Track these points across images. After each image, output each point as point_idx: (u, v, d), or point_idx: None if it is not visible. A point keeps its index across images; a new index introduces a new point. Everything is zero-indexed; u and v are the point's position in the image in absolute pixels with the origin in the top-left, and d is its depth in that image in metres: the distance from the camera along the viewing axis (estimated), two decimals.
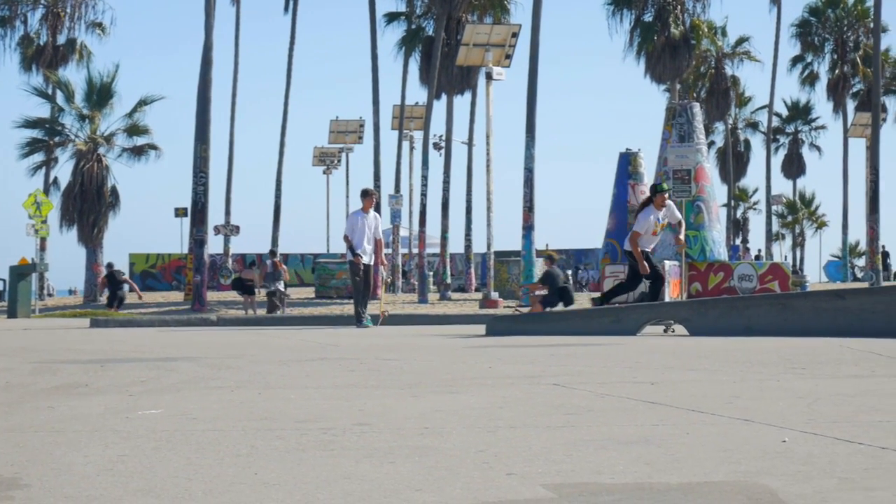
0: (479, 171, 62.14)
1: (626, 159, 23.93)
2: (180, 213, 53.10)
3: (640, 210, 17.06)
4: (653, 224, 16.49)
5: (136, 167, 59.51)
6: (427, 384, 7.71)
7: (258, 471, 4.35)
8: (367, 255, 19.11)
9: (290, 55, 47.08)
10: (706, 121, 60.49)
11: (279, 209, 47.18)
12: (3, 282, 44.46)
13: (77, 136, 38.83)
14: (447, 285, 42.08)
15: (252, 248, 57.45)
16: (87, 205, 37.58)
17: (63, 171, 39.65)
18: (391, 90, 70.89)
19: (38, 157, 39.74)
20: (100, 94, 38.60)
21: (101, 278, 36.24)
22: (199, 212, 30.24)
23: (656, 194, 16.73)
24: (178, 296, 43.53)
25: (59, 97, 39.74)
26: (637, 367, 8.91)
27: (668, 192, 17.48)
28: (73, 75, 46.89)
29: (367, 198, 19.50)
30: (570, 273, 31.27)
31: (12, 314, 29.76)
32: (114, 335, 16.94)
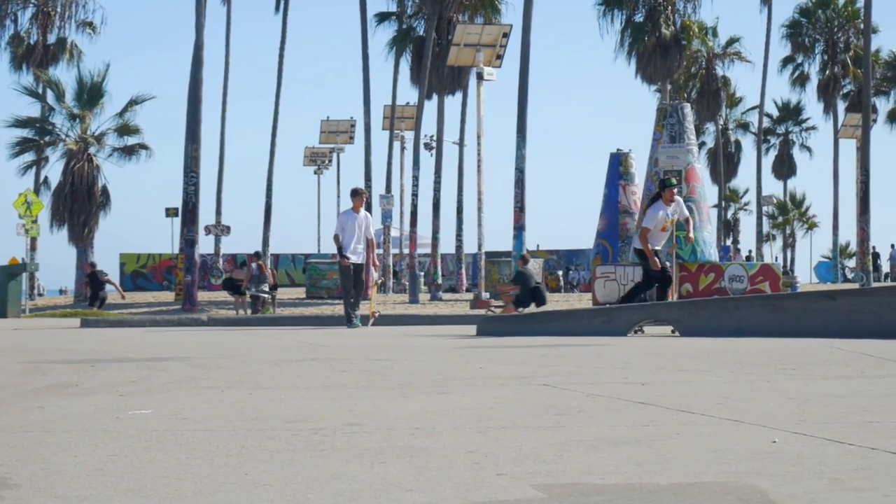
0: (470, 171, 61.83)
1: (617, 160, 23.97)
2: (171, 212, 53.12)
3: (648, 206, 16.97)
4: (662, 219, 16.46)
5: (126, 167, 59.54)
6: (418, 384, 7.70)
7: (248, 471, 4.35)
8: (358, 255, 19.03)
9: (280, 55, 47.05)
10: (697, 121, 60.55)
11: (270, 209, 47.16)
12: None
13: (67, 136, 38.80)
14: (438, 286, 42.09)
15: (243, 248, 57.42)
16: (78, 204, 37.55)
17: (53, 170, 39.74)
18: (382, 90, 71.14)
19: (28, 157, 39.76)
20: (90, 94, 38.57)
21: (85, 278, 36.19)
22: (189, 212, 30.21)
23: (665, 189, 16.70)
24: (168, 296, 43.53)
25: (50, 96, 39.71)
26: (628, 367, 8.91)
27: (677, 187, 17.47)
28: (64, 75, 46.82)
29: (357, 197, 19.46)
30: (559, 273, 31.32)
31: (2, 314, 29.68)
32: (104, 335, 16.91)
